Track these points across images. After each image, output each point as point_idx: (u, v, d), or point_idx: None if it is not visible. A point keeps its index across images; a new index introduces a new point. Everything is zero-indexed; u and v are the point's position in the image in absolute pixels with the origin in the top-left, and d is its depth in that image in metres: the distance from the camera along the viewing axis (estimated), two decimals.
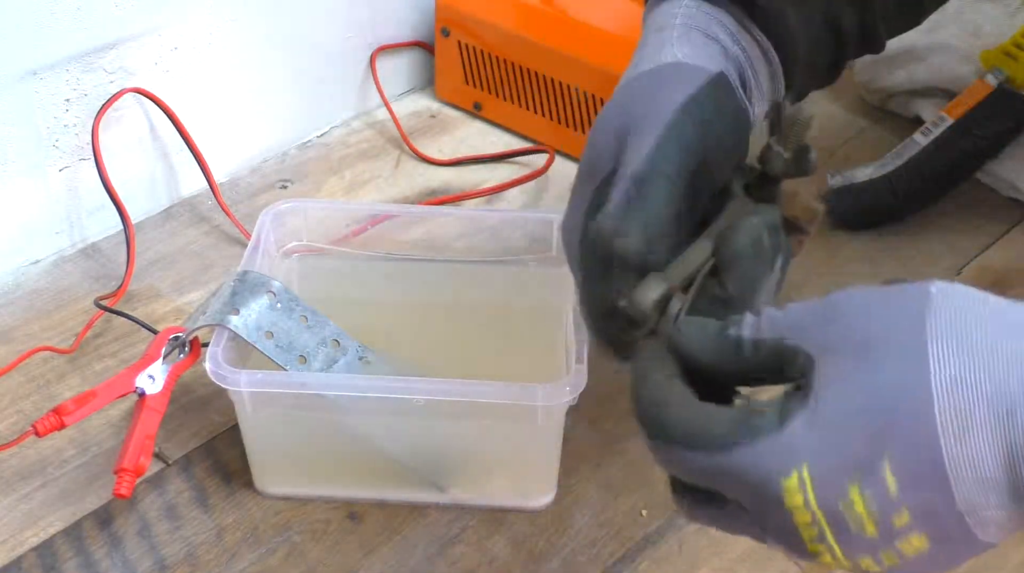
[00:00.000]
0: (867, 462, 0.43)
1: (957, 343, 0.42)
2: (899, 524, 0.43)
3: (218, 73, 0.94)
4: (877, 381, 0.43)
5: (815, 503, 0.44)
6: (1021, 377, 0.41)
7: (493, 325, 0.78)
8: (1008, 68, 0.92)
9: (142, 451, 0.68)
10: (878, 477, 0.43)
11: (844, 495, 0.43)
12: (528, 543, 0.69)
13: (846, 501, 0.43)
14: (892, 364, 0.43)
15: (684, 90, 0.58)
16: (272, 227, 0.77)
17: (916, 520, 0.43)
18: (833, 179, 0.94)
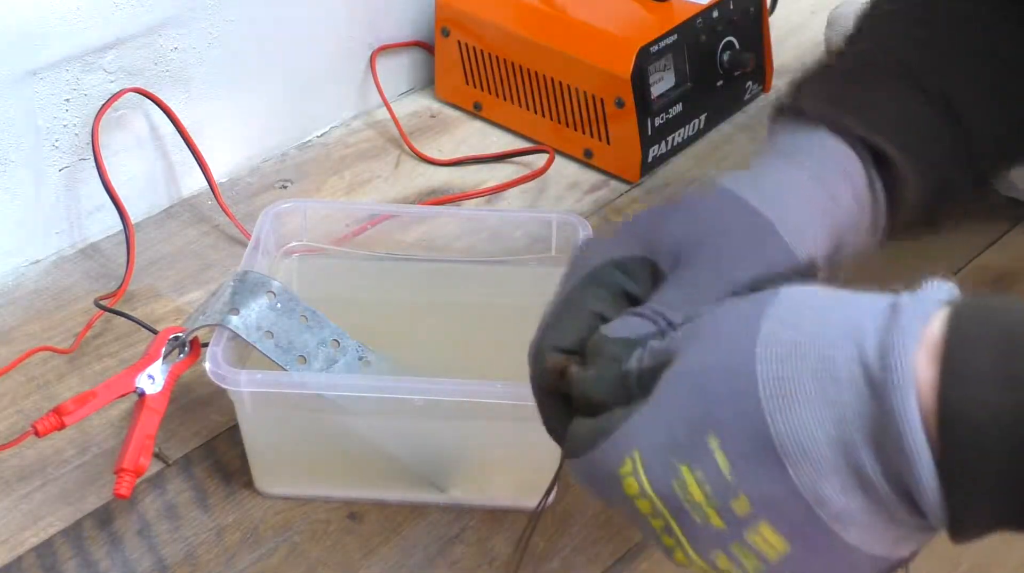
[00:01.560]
0: (694, 440, 0.43)
1: (787, 323, 0.42)
2: (740, 511, 0.42)
3: (218, 73, 0.94)
4: (706, 362, 0.43)
5: (649, 487, 0.44)
6: (848, 346, 0.41)
7: (493, 325, 0.78)
8: None
9: (142, 451, 0.68)
10: (708, 457, 0.42)
11: (676, 474, 0.43)
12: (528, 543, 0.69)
13: (679, 481, 0.43)
14: (723, 346, 0.43)
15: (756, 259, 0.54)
16: (272, 227, 0.77)
17: (758, 507, 0.42)
18: None
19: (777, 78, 1.08)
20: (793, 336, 0.42)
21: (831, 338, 0.41)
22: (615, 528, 0.70)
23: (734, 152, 1.02)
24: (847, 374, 0.40)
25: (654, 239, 0.54)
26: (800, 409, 0.41)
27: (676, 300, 0.51)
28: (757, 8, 1.03)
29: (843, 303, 0.43)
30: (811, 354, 0.41)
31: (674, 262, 0.53)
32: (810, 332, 0.42)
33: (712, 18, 0.99)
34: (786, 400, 0.41)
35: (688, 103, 0.99)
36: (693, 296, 0.51)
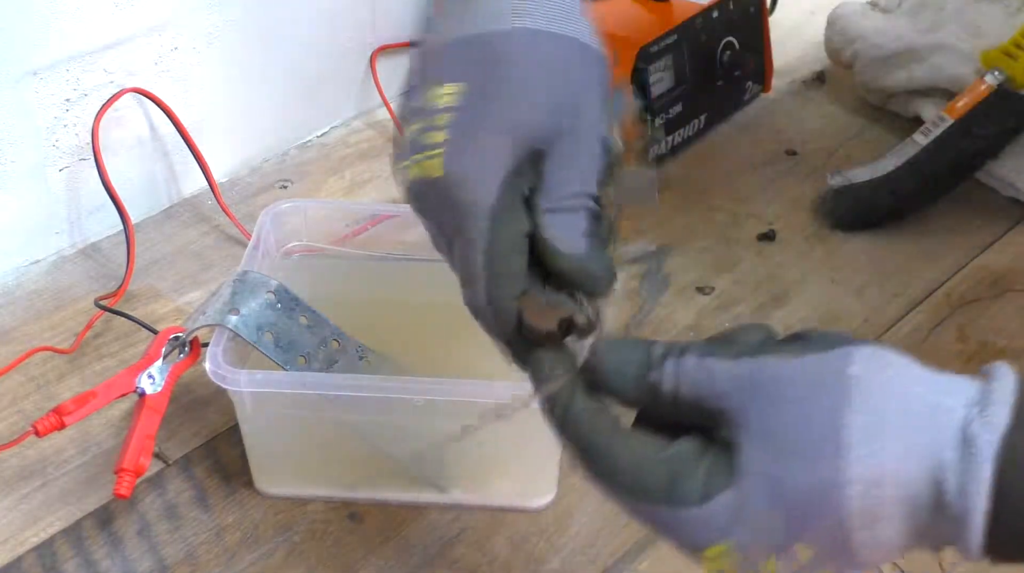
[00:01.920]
0: (784, 545, 0.46)
1: (872, 434, 0.44)
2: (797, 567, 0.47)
3: (218, 73, 0.94)
4: (797, 480, 0.45)
5: (733, 569, 0.47)
6: (928, 482, 0.44)
7: None
8: (1008, 68, 0.92)
9: (142, 451, 0.68)
10: (792, 553, 0.46)
11: (760, 566, 0.47)
12: (528, 543, 0.69)
13: (762, 566, 0.47)
14: (809, 465, 0.45)
15: (594, 86, 0.55)
16: (272, 227, 0.77)
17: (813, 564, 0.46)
18: (833, 179, 0.95)
19: (777, 78, 1.09)
20: (880, 460, 0.44)
21: (912, 473, 0.44)
22: (615, 528, 0.70)
23: (734, 152, 1.02)
24: (927, 502, 0.44)
25: (519, 125, 0.53)
26: (884, 527, 0.45)
27: (582, 176, 0.53)
28: (757, 8, 1.03)
29: (920, 416, 0.45)
30: (897, 485, 0.44)
31: (551, 132, 0.53)
32: (895, 455, 0.44)
33: (712, 18, 0.99)
34: (872, 520, 0.45)
35: (688, 103, 0.99)
36: (590, 165, 0.53)
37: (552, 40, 0.54)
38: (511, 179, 0.53)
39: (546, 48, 0.54)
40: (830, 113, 1.07)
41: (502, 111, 0.53)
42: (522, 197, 0.53)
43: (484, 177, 0.53)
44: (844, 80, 1.09)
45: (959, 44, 0.97)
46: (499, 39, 0.54)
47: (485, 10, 0.54)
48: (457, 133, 0.53)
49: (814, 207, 0.95)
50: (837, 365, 0.46)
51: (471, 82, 0.53)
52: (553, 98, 0.53)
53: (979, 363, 0.81)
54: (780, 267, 0.90)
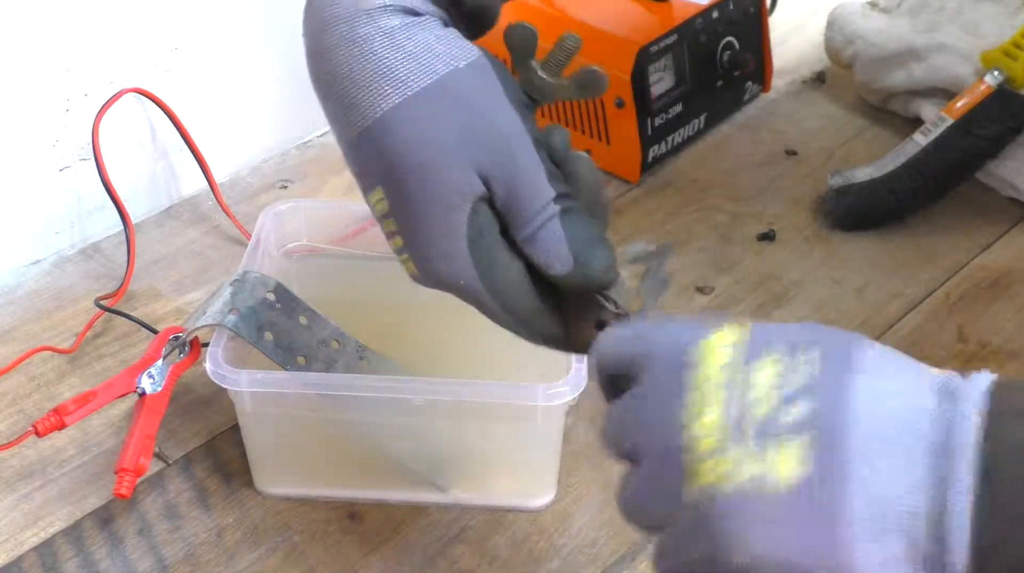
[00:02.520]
0: (791, 355, 0.44)
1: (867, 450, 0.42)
2: (786, 420, 0.42)
3: (218, 73, 0.94)
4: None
5: (735, 356, 0.44)
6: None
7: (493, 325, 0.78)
8: (1008, 68, 0.92)
9: (142, 451, 0.68)
10: (795, 370, 0.43)
11: (761, 360, 0.44)
12: (528, 543, 0.69)
13: (759, 364, 0.44)
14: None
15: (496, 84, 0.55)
16: (272, 227, 0.77)
17: (802, 424, 0.42)
18: (833, 179, 0.94)
19: (777, 78, 1.08)
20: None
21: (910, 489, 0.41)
22: (615, 528, 0.70)
23: (734, 152, 1.02)
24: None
25: (446, 200, 0.53)
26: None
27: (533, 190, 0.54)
28: (757, 8, 1.03)
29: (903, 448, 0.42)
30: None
31: (481, 178, 0.53)
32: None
33: (712, 18, 0.99)
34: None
35: (688, 103, 0.99)
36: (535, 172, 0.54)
37: (427, 97, 0.53)
38: (476, 245, 0.54)
39: (427, 111, 0.53)
40: (830, 113, 1.07)
41: (424, 198, 0.53)
42: (500, 244, 0.54)
43: (453, 260, 0.54)
44: (844, 80, 1.09)
45: (959, 44, 0.97)
46: (380, 133, 0.53)
47: (358, 102, 0.53)
48: (407, 234, 0.54)
49: (814, 207, 0.95)
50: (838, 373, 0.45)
51: (384, 185, 0.54)
52: (461, 152, 0.53)
53: (979, 363, 0.81)
54: (780, 267, 0.90)
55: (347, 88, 0.53)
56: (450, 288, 0.56)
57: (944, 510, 0.40)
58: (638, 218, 0.94)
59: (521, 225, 0.54)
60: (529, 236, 0.54)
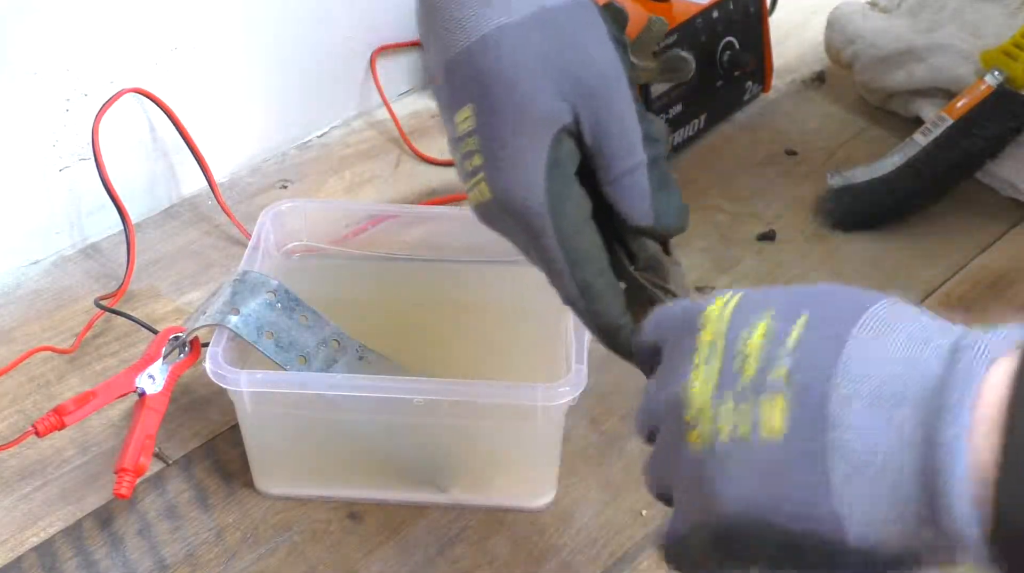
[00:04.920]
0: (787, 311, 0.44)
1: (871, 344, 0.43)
2: (773, 376, 0.43)
3: (218, 73, 0.94)
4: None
5: (726, 321, 0.46)
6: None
7: (493, 325, 0.78)
8: (1008, 68, 0.92)
9: (142, 451, 0.68)
10: (789, 324, 0.44)
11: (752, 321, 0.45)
12: (528, 543, 0.69)
13: (752, 326, 0.45)
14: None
15: (602, 34, 0.57)
16: (272, 227, 0.77)
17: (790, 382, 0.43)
18: (833, 179, 0.95)
19: (777, 78, 1.09)
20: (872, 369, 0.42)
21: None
22: (615, 528, 0.70)
23: (734, 152, 1.02)
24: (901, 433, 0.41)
25: (533, 123, 0.55)
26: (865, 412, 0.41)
27: (624, 134, 0.56)
28: (757, 8, 1.03)
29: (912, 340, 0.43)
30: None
31: (572, 111, 0.55)
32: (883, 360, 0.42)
33: (712, 18, 0.99)
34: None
35: (688, 103, 0.99)
36: (629, 119, 0.56)
37: (531, 24, 0.55)
38: (552, 172, 0.55)
39: (528, 37, 0.55)
40: (830, 113, 1.07)
41: (512, 118, 0.55)
42: (574, 179, 0.56)
43: (527, 183, 0.55)
44: (844, 80, 1.09)
45: (959, 44, 0.97)
46: (479, 51, 0.55)
47: (462, 20, 0.56)
48: (488, 152, 0.55)
49: (814, 207, 0.95)
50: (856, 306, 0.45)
51: (476, 101, 0.55)
52: (555, 81, 0.54)
53: None
54: (780, 267, 0.90)
55: (453, 9, 0.56)
56: (516, 213, 0.56)
57: (934, 468, 0.39)
58: None
59: (607, 167, 0.55)
60: (615, 179, 0.55)
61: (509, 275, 0.80)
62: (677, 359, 0.47)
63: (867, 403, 0.41)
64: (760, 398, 0.43)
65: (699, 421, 0.45)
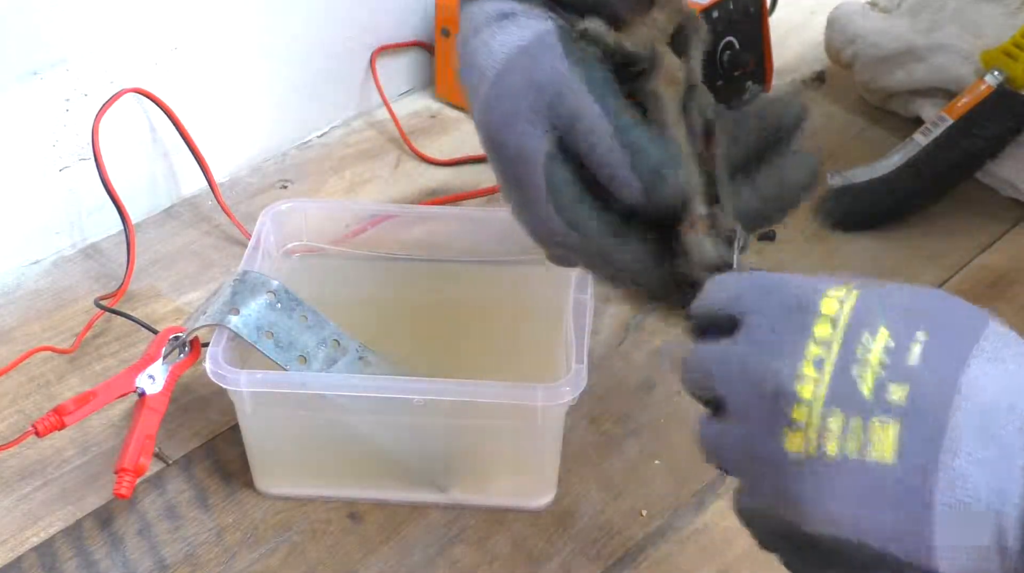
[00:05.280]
0: (909, 319, 0.44)
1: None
2: (893, 397, 0.42)
3: (218, 73, 0.94)
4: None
5: (847, 318, 0.44)
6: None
7: (493, 325, 0.78)
8: (1008, 68, 0.92)
9: (142, 451, 0.68)
10: (910, 339, 0.43)
11: (875, 327, 0.44)
12: (528, 543, 0.69)
13: (872, 332, 0.44)
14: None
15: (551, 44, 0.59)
16: (272, 227, 0.77)
17: (908, 408, 0.42)
18: (833, 179, 0.94)
19: (777, 78, 1.08)
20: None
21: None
22: (615, 528, 0.70)
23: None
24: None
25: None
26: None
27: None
28: (757, 8, 1.03)
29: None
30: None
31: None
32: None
33: (712, 18, 0.99)
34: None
35: None
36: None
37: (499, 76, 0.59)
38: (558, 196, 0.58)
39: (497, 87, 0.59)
40: (830, 113, 1.07)
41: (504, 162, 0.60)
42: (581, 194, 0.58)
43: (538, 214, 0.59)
44: (844, 80, 1.09)
45: (959, 44, 0.97)
46: (477, 115, 0.61)
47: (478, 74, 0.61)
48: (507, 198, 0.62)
49: (814, 207, 0.95)
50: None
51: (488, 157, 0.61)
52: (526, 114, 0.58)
53: None
54: (780, 267, 0.90)
55: (468, 75, 0.61)
56: (550, 244, 0.60)
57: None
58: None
59: (589, 159, 0.57)
60: (596, 164, 0.57)
61: (509, 275, 0.80)
62: (781, 336, 0.45)
63: (979, 439, 0.41)
64: (874, 417, 0.42)
65: (805, 426, 0.43)
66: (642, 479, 0.73)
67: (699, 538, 0.70)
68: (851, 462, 0.42)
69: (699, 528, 0.70)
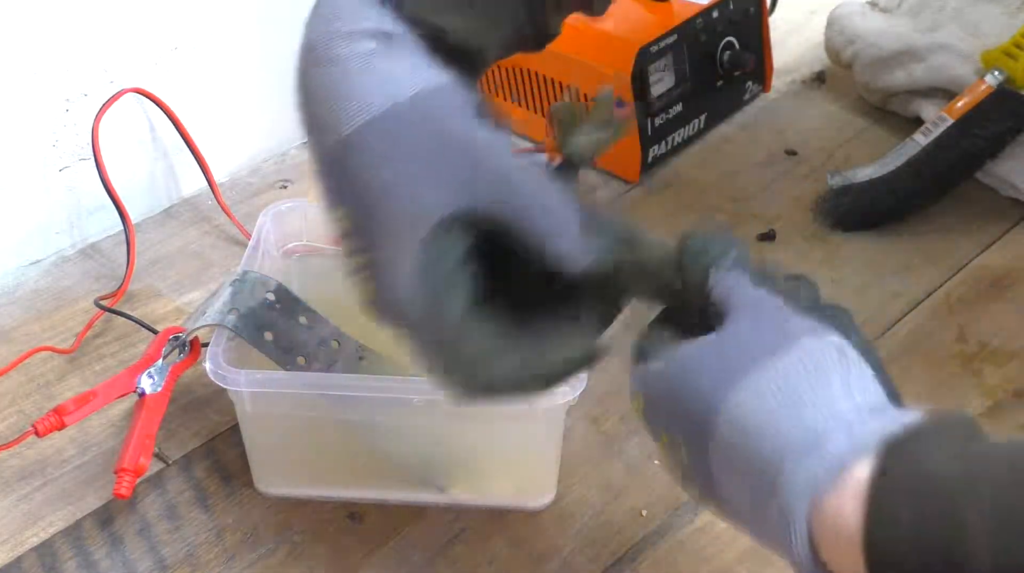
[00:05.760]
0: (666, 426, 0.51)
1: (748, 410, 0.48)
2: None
3: (218, 73, 0.94)
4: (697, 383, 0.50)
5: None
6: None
7: None
8: (1008, 68, 0.92)
9: (142, 451, 0.68)
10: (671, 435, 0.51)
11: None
12: (528, 543, 0.69)
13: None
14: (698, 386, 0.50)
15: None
16: (272, 227, 0.77)
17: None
18: (833, 179, 0.94)
19: (777, 78, 1.09)
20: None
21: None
22: (615, 528, 0.70)
23: (734, 152, 1.02)
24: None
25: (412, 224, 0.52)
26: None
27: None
28: (757, 8, 1.03)
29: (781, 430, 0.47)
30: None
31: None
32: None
33: (712, 18, 0.99)
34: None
35: (688, 103, 0.99)
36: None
37: (389, 118, 0.51)
38: (430, 270, 0.51)
39: (388, 131, 0.51)
40: (830, 113, 1.07)
41: (378, 221, 0.51)
42: (458, 270, 0.51)
43: (396, 284, 0.51)
44: (844, 80, 1.09)
45: (959, 44, 0.97)
46: (344, 151, 0.52)
47: (326, 117, 0.52)
48: (363, 256, 0.52)
49: (814, 207, 0.95)
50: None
51: (347, 204, 0.52)
52: (422, 174, 0.51)
53: (979, 363, 0.81)
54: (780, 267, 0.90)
55: (317, 108, 0.53)
56: (392, 318, 0.53)
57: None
58: (638, 218, 0.94)
59: (522, 226, 0.51)
60: (533, 231, 0.51)
61: None
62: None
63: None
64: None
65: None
66: (642, 479, 0.73)
67: (699, 538, 0.70)
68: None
69: (699, 528, 0.70)
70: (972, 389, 0.79)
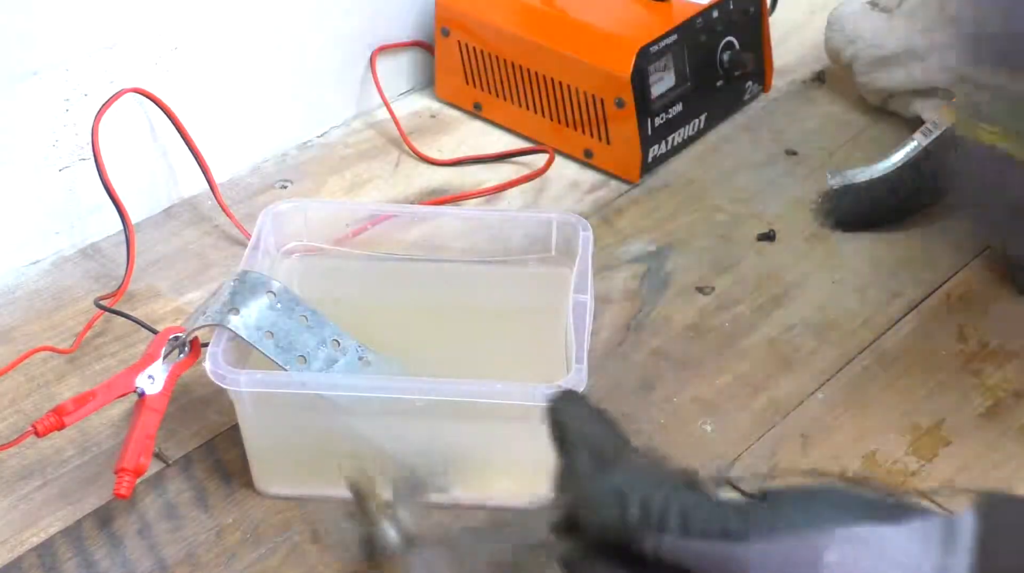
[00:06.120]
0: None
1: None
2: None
3: (218, 73, 0.94)
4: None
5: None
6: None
7: (493, 325, 0.78)
8: None
9: (142, 451, 0.68)
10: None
11: None
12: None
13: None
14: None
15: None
16: (272, 227, 0.77)
17: None
18: (833, 179, 0.94)
19: (777, 78, 1.08)
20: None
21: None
22: None
23: (734, 152, 1.02)
24: None
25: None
26: None
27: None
28: (757, 8, 1.03)
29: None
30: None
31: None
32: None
33: (712, 18, 0.99)
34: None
35: (688, 103, 0.99)
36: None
37: None
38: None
39: None
40: (830, 113, 1.07)
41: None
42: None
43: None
44: (844, 80, 1.09)
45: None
46: None
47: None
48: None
49: (814, 207, 0.95)
50: (811, 555, 0.44)
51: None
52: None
53: (979, 363, 0.81)
54: (780, 267, 0.90)
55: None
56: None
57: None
58: (638, 218, 0.94)
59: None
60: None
61: (509, 275, 0.80)
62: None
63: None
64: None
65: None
66: None
67: None
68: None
69: None
70: (972, 389, 0.79)
